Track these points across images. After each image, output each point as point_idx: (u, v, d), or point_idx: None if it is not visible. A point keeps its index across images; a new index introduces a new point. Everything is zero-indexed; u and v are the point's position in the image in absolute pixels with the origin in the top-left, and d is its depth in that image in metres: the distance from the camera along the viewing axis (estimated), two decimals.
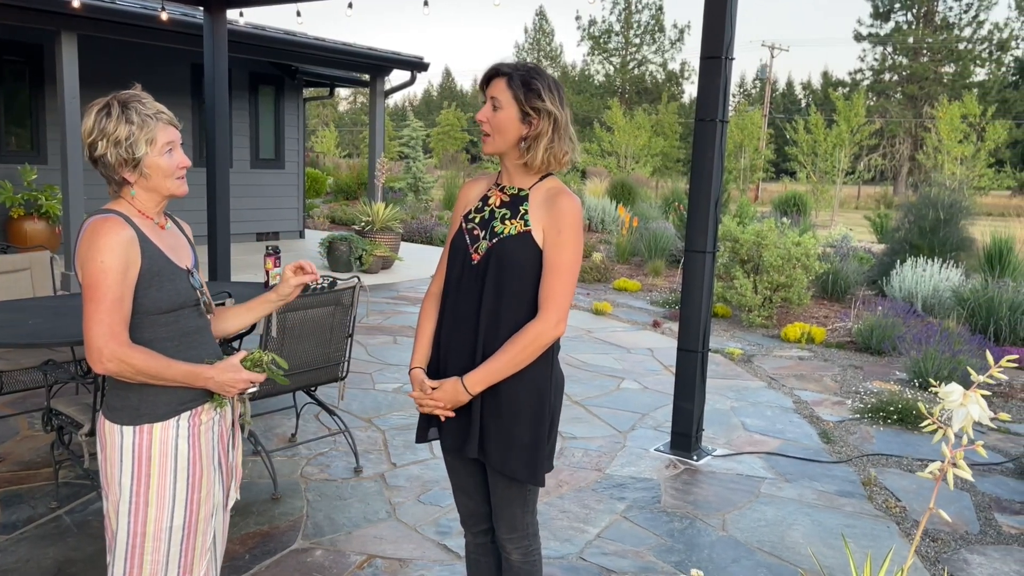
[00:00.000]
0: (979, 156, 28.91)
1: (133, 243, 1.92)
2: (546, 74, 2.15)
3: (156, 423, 2.00)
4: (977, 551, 3.58)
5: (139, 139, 1.94)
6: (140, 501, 2.00)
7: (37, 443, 4.40)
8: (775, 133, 43.69)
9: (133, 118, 1.94)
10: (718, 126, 4.40)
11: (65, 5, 7.71)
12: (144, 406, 1.99)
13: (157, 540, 2.02)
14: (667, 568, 3.32)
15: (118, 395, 2.01)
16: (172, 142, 2.00)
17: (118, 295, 1.88)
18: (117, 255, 1.88)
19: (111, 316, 1.88)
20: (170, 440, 2.01)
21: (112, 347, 1.87)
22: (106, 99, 1.97)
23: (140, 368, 1.90)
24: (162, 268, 1.99)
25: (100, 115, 1.94)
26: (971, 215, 10.30)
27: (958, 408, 1.64)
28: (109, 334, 1.87)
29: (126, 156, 1.94)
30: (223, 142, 7.22)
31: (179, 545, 2.05)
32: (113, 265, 1.88)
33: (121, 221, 1.93)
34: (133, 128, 1.93)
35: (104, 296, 1.87)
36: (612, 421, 5.17)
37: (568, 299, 2.13)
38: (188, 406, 2.05)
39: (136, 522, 2.00)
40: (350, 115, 64.22)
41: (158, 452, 2.00)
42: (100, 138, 1.93)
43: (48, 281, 4.81)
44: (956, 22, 44.48)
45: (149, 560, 2.02)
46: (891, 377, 6.44)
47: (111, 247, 1.88)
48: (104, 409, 2.04)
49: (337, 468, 4.24)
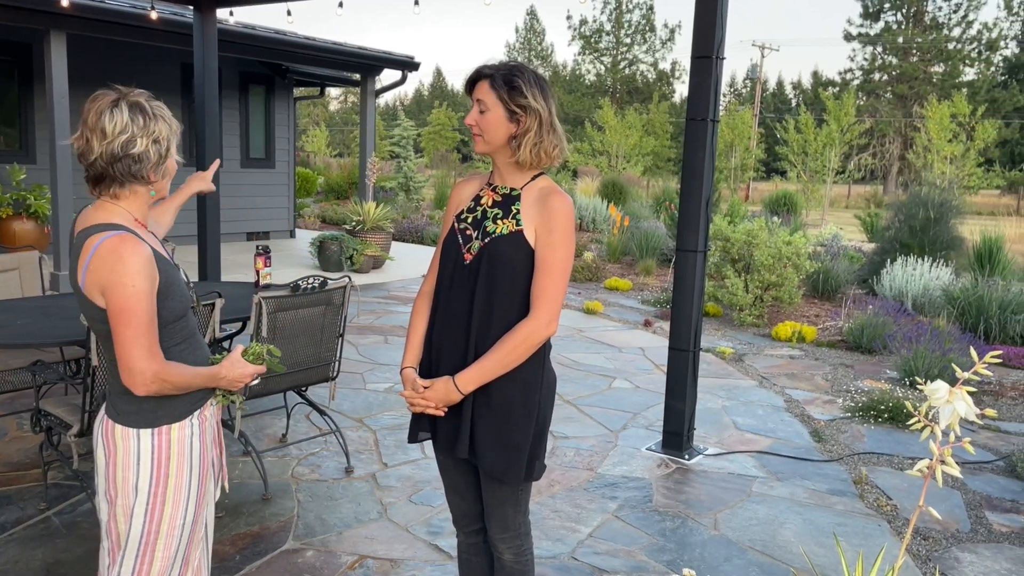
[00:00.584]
0: (968, 155, 29.07)
1: (151, 261, 1.91)
2: (528, 70, 2.14)
3: (175, 423, 2.02)
4: (968, 549, 3.60)
5: (172, 137, 1.96)
6: (157, 501, 2.01)
7: (26, 444, 4.37)
8: (765, 132, 43.79)
9: (166, 115, 1.95)
10: (709, 125, 4.40)
11: (54, 4, 7.66)
12: (162, 408, 2.00)
13: (170, 537, 2.04)
14: (659, 567, 3.32)
15: (128, 399, 1.99)
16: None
17: (150, 316, 1.89)
18: (145, 277, 1.87)
19: (148, 338, 1.88)
20: (186, 439, 2.04)
21: (154, 368, 1.88)
22: (121, 95, 1.92)
23: (178, 384, 1.94)
24: (171, 275, 1.99)
25: (134, 111, 1.90)
26: (961, 214, 10.35)
27: (944, 405, 1.65)
28: (148, 356, 1.88)
29: (163, 153, 1.94)
30: (213, 142, 7.18)
31: (187, 540, 2.08)
32: (143, 287, 1.87)
33: (137, 239, 1.91)
34: (168, 127, 1.94)
35: (140, 319, 1.87)
36: (604, 420, 5.17)
37: (560, 298, 2.13)
38: (198, 405, 2.08)
39: (151, 521, 2.01)
40: (341, 114, 64.08)
41: (177, 451, 2.02)
42: (141, 135, 1.90)
43: (37, 281, 4.78)
44: (945, 22, 44.74)
45: (160, 556, 2.04)
46: (882, 376, 6.47)
47: (138, 270, 1.86)
48: (112, 414, 2.02)
49: (328, 468, 4.22)
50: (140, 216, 2.01)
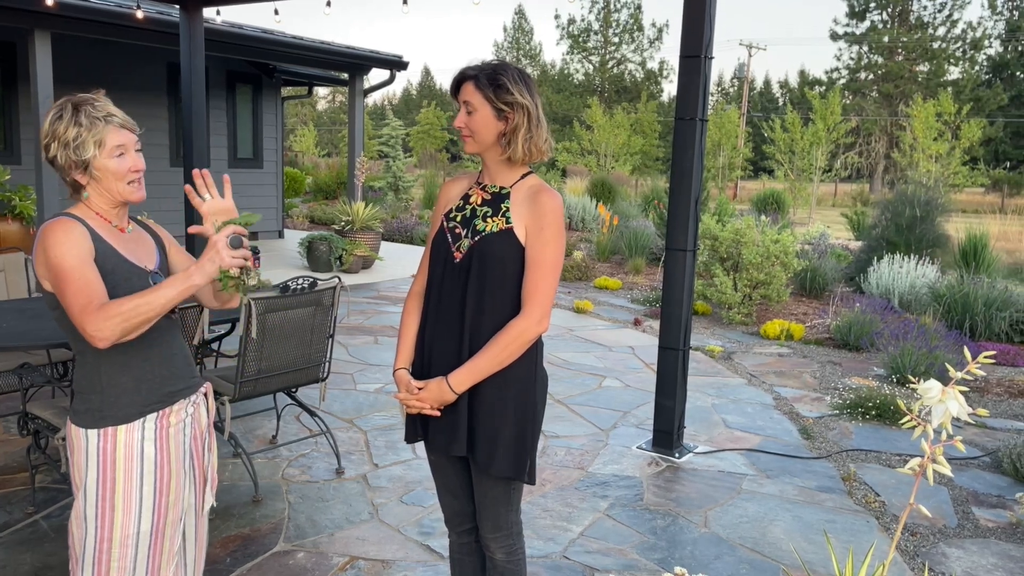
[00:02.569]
0: (954, 154, 29.26)
1: (85, 236, 1.93)
2: (511, 67, 2.15)
3: (120, 425, 1.97)
4: (955, 544, 3.63)
5: (87, 141, 1.93)
6: (106, 506, 1.96)
7: (13, 447, 4.33)
8: (753, 131, 43.99)
9: (82, 120, 1.93)
10: (698, 125, 4.41)
11: (39, 3, 7.60)
12: (107, 408, 1.96)
13: (124, 546, 1.99)
14: (650, 565, 3.33)
15: (81, 398, 1.98)
16: (123, 145, 1.97)
17: (80, 272, 1.87)
18: (73, 243, 1.88)
19: (82, 292, 1.85)
20: (135, 443, 1.98)
21: (90, 314, 1.82)
22: (61, 101, 1.98)
23: (128, 312, 1.81)
24: (116, 266, 1.97)
25: (53, 117, 1.95)
26: (946, 212, 10.43)
27: (937, 404, 1.66)
28: (86, 304, 1.83)
29: (75, 158, 1.94)
30: (200, 141, 7.15)
31: (146, 550, 2.02)
32: (69, 250, 1.87)
33: (70, 220, 1.94)
34: (81, 130, 1.93)
35: (69, 276, 1.85)
36: (594, 419, 5.18)
37: (551, 296, 2.13)
38: (154, 407, 2.02)
39: (103, 527, 1.97)
40: (329, 114, 63.88)
41: (123, 455, 1.97)
42: (52, 140, 1.94)
43: (23, 283, 4.74)
44: (930, 21, 45.05)
45: (116, 567, 1.99)
46: (869, 373, 6.51)
47: (61, 241, 1.88)
48: (71, 413, 2.01)
49: (319, 469, 4.21)
50: (104, 212, 2.02)
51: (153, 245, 2.14)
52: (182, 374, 2.11)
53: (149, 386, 2.02)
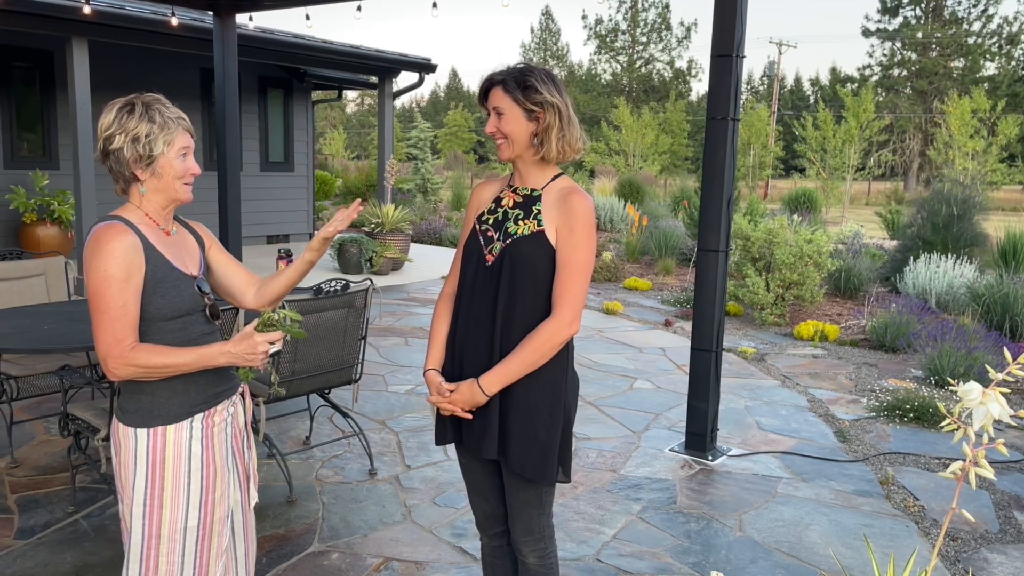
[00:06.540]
0: (990, 151, 28.69)
1: (136, 250, 1.94)
2: (537, 68, 2.15)
3: (169, 425, 2.02)
4: (997, 550, 3.55)
5: (158, 138, 1.97)
6: (155, 503, 2.01)
7: (54, 448, 4.41)
8: (783, 130, 43.50)
9: (156, 118, 1.98)
10: (730, 124, 4.37)
11: (76, 12, 7.75)
12: (157, 408, 2.01)
13: (172, 542, 2.04)
14: (685, 569, 3.30)
15: (131, 398, 2.02)
16: (187, 148, 2.04)
17: (121, 302, 1.90)
18: (119, 262, 1.90)
19: (115, 324, 1.90)
20: (184, 442, 2.03)
21: (117, 353, 1.90)
22: (128, 98, 2.01)
23: (149, 364, 1.92)
24: (166, 275, 2.00)
25: (122, 111, 1.98)
26: (984, 210, 10.22)
27: (977, 406, 1.62)
28: (114, 342, 1.90)
29: (142, 152, 1.97)
30: (233, 146, 7.23)
31: (194, 546, 2.07)
32: (115, 273, 1.90)
33: (125, 227, 1.95)
34: (154, 127, 1.97)
35: (108, 305, 1.90)
36: (626, 421, 5.15)
37: (582, 298, 2.12)
38: (201, 408, 2.07)
39: (151, 524, 2.02)
40: (358, 117, 64.32)
41: (172, 454, 2.02)
42: (119, 132, 1.96)
43: (63, 286, 4.83)
44: (965, 16, 44.19)
45: (164, 561, 2.04)
46: (906, 375, 6.40)
47: (113, 254, 1.90)
48: (117, 412, 2.06)
49: (352, 470, 4.24)
50: (154, 213, 2.04)
51: (196, 246, 2.18)
52: (225, 375, 2.17)
53: (197, 387, 2.07)
